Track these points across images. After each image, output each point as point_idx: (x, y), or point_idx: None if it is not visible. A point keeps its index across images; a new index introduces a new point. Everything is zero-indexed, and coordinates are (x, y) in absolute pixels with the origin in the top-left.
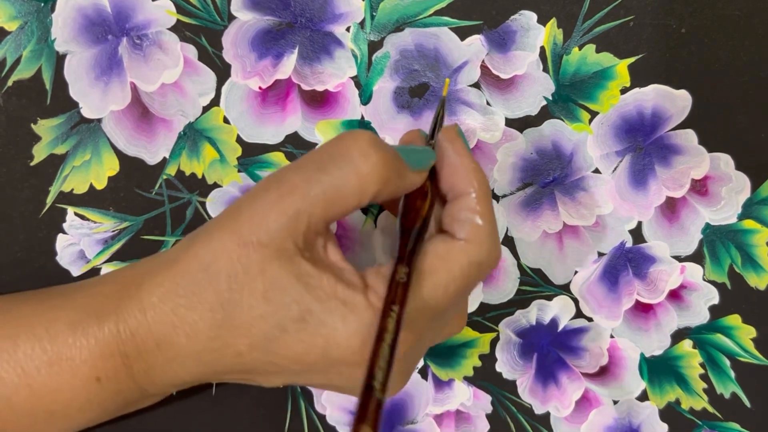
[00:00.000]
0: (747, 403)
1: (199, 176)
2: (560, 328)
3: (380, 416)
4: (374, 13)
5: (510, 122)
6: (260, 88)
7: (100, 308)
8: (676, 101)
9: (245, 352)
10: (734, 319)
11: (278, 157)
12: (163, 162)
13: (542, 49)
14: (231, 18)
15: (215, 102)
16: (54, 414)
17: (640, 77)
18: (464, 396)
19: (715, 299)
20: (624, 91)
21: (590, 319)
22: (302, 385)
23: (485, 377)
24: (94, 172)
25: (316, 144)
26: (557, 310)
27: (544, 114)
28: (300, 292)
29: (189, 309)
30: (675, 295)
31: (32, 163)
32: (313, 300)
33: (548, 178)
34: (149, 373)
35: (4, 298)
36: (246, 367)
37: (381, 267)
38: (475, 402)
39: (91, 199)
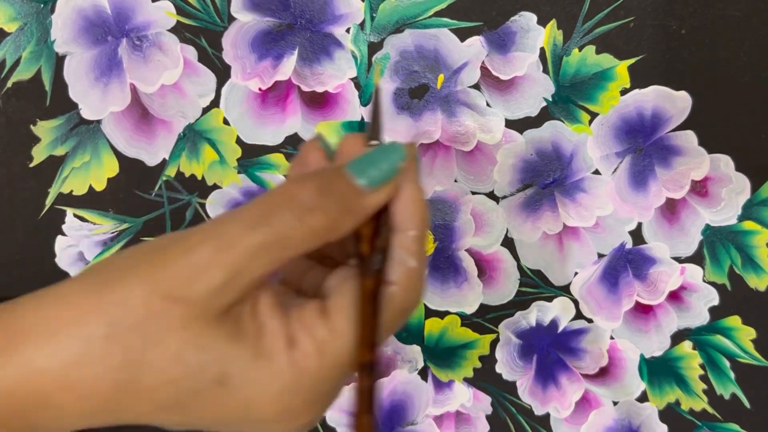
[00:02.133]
0: (746, 404)
1: (199, 177)
2: (560, 329)
3: None
4: (374, 15)
5: (510, 123)
6: (260, 89)
7: None
8: (676, 102)
9: (147, 412)
10: (734, 321)
11: (278, 159)
12: (163, 163)
13: (542, 50)
14: (231, 19)
15: (215, 103)
16: None
17: (640, 78)
18: (464, 397)
19: (715, 300)
20: (624, 92)
21: (590, 321)
22: None
23: (485, 378)
24: (94, 173)
25: None
26: (557, 312)
27: (544, 115)
28: (220, 352)
29: (85, 367)
30: (675, 297)
31: (32, 165)
32: (233, 362)
33: (548, 180)
34: (34, 429)
35: None
36: (149, 421)
37: (304, 310)
38: (475, 403)
39: (90, 201)
